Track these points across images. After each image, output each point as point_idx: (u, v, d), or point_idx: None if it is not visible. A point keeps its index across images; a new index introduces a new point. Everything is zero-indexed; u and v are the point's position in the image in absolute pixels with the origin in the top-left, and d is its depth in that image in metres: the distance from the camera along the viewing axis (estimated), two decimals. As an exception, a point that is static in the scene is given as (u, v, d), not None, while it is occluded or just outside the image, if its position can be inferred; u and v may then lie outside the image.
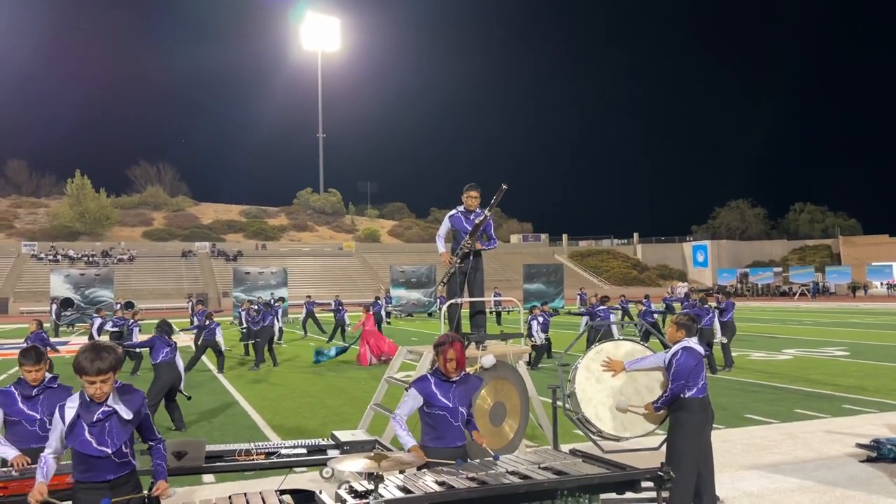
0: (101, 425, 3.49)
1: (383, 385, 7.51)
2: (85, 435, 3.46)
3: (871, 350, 17.68)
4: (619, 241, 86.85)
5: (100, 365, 3.41)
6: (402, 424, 4.44)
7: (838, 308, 41.44)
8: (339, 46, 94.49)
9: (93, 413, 3.49)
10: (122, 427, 3.54)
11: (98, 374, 3.42)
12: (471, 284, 6.82)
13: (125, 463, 3.57)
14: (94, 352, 3.44)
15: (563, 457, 4.35)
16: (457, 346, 4.45)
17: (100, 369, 3.41)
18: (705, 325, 14.08)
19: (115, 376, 3.53)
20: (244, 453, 4.97)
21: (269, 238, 78.71)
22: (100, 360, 3.41)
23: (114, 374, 3.49)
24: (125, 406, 3.56)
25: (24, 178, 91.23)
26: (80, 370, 3.43)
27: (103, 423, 3.50)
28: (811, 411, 9.82)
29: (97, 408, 3.50)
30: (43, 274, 51.60)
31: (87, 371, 3.42)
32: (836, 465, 7.00)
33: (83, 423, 3.48)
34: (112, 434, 3.50)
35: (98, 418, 3.49)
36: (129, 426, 3.57)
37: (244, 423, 10.00)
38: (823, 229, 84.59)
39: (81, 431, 3.47)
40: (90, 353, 3.44)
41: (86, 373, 3.42)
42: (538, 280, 42.68)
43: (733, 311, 15.20)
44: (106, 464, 3.49)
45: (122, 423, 3.53)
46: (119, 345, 15.59)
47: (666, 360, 5.28)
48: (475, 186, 6.84)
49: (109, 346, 3.55)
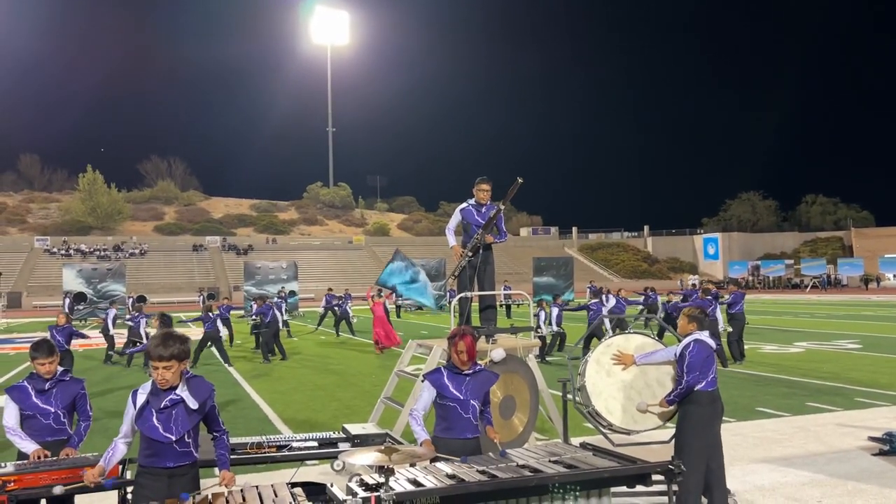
0: (168, 412, 3.63)
1: (394, 378, 7.52)
2: (153, 420, 3.61)
3: (883, 343, 17.57)
4: (629, 234, 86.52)
5: (161, 352, 3.57)
6: (417, 419, 4.50)
7: (850, 301, 41.18)
8: (349, 40, 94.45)
9: (161, 400, 3.63)
10: (188, 416, 3.66)
11: (159, 360, 3.57)
12: (481, 278, 6.80)
13: (186, 453, 3.68)
14: (162, 340, 3.61)
15: (574, 450, 4.35)
16: (467, 339, 4.50)
17: (160, 356, 3.57)
18: (709, 316, 13.99)
19: (183, 366, 3.66)
20: (255, 446, 4.98)
21: (279, 232, 78.92)
22: (163, 347, 3.58)
23: (179, 363, 3.62)
24: (193, 396, 3.68)
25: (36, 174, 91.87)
26: (148, 355, 3.67)
27: (170, 411, 3.63)
28: (823, 404, 9.78)
29: (166, 395, 3.64)
30: (55, 268, 51.97)
31: (151, 356, 3.62)
32: (848, 458, 6.97)
33: (152, 408, 3.62)
34: (177, 421, 3.63)
35: (166, 405, 3.63)
36: (195, 415, 3.69)
37: (255, 415, 10.05)
38: (835, 221, 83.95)
39: (150, 416, 3.61)
40: (159, 340, 3.62)
41: (151, 358, 3.62)
42: (548, 273, 42.59)
43: (743, 302, 15.09)
44: (168, 450, 3.61)
45: (188, 412, 3.66)
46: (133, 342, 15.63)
47: (678, 353, 5.27)
48: (487, 179, 6.81)
49: (179, 335, 3.68)
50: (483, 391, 4.59)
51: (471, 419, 4.47)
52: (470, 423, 4.47)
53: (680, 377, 5.19)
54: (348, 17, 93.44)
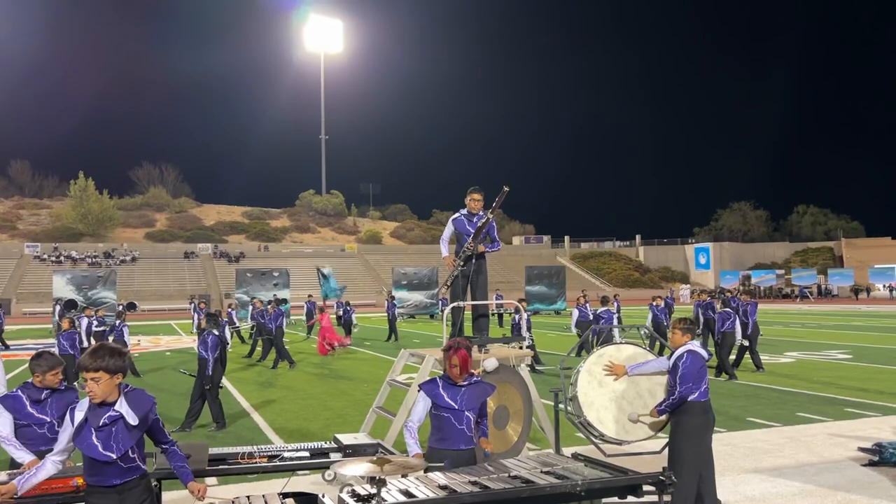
0: (108, 430, 3.48)
1: (386, 388, 7.51)
2: (92, 439, 3.46)
3: (873, 353, 17.65)
4: (621, 244, 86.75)
5: (87, 362, 3.44)
6: (412, 432, 4.50)
7: (841, 311, 41.37)
8: (342, 48, 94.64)
9: (99, 417, 3.49)
10: (129, 432, 3.52)
11: (85, 370, 3.44)
12: (473, 287, 6.81)
13: (132, 468, 3.55)
14: (93, 350, 3.51)
15: (566, 461, 4.36)
16: (461, 352, 4.51)
17: (86, 366, 3.44)
18: (727, 328, 14.03)
19: (117, 380, 3.52)
20: (247, 456, 4.97)
21: (271, 239, 78.72)
22: (90, 358, 3.46)
23: (109, 376, 3.47)
24: (132, 411, 3.54)
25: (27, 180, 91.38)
26: (78, 367, 3.53)
27: (109, 428, 3.49)
28: (814, 415, 9.81)
29: (104, 412, 3.50)
30: (46, 275, 51.65)
31: (79, 366, 3.51)
32: (839, 468, 7.00)
33: (90, 426, 3.48)
34: (118, 439, 3.48)
35: (104, 423, 3.48)
36: (135, 431, 3.55)
37: (247, 425, 10.01)
38: (826, 232, 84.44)
39: (88, 435, 3.47)
40: (90, 349, 3.53)
41: (79, 368, 3.51)
42: (540, 282, 42.67)
43: (756, 312, 15.17)
44: (112, 469, 3.48)
45: (128, 429, 3.52)
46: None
47: (670, 364, 5.29)
48: (478, 189, 6.84)
49: (114, 348, 3.55)
50: (479, 402, 4.58)
51: (465, 430, 4.47)
52: (464, 435, 4.47)
53: (672, 388, 5.21)
54: (342, 25, 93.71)
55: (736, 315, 14.28)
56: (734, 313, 14.30)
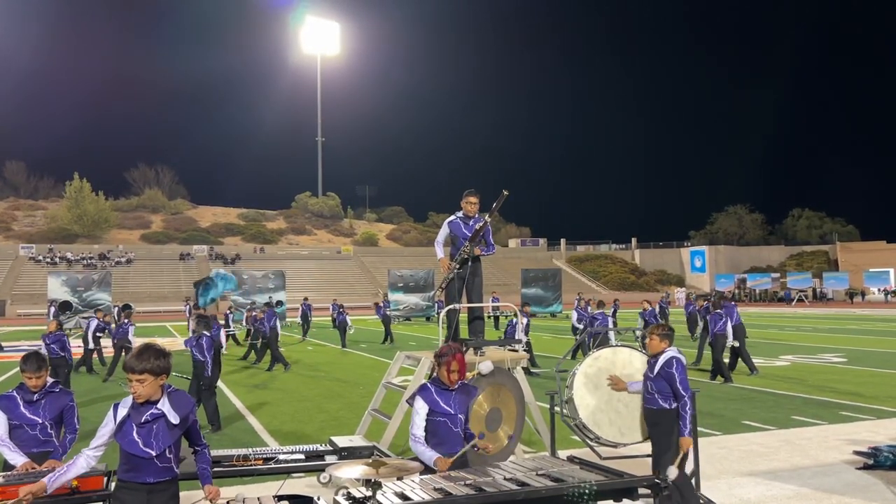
0: (149, 427, 3.57)
1: (381, 390, 7.51)
2: (133, 435, 3.54)
3: (868, 357, 17.70)
4: (617, 246, 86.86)
5: (133, 364, 3.53)
6: (421, 441, 4.46)
7: (836, 314, 41.47)
8: (339, 51, 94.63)
9: (142, 414, 3.57)
10: (169, 431, 3.60)
11: (131, 372, 3.53)
12: (469, 290, 6.82)
13: (167, 468, 3.62)
14: (138, 352, 3.58)
15: (561, 463, 4.35)
16: (459, 357, 4.53)
17: (132, 368, 3.53)
18: (719, 329, 14.06)
19: (161, 380, 3.60)
20: (242, 458, 4.96)
21: (267, 241, 78.64)
22: (136, 360, 3.54)
23: (154, 377, 3.55)
24: (174, 410, 3.62)
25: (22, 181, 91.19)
26: (124, 368, 3.61)
27: (151, 425, 3.57)
28: (809, 418, 9.83)
29: (146, 409, 3.58)
30: (40, 276, 51.56)
31: (125, 367, 3.59)
32: (833, 472, 7.01)
33: (132, 423, 3.56)
34: (158, 436, 3.57)
35: (146, 420, 3.57)
36: (176, 430, 3.63)
37: (241, 427, 9.99)
38: (821, 235, 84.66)
39: (130, 431, 3.55)
40: (135, 352, 3.59)
41: (125, 369, 3.59)
42: (536, 285, 42.72)
43: (736, 313, 15.12)
44: (149, 465, 3.55)
45: (169, 427, 3.60)
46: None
47: (656, 370, 5.29)
48: (474, 192, 6.85)
49: (158, 349, 3.61)
50: (467, 405, 4.64)
51: (459, 433, 4.51)
52: (459, 438, 4.50)
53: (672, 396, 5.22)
54: (339, 27, 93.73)
55: (728, 317, 14.36)
56: (726, 315, 14.38)
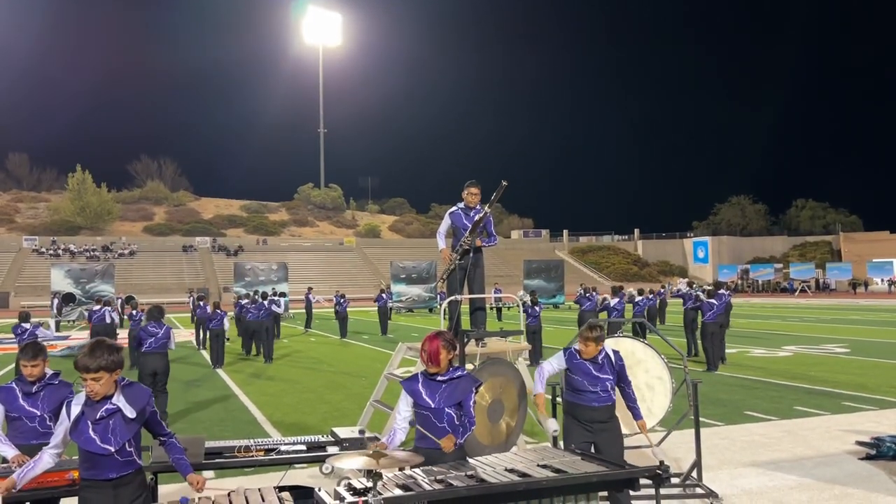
0: (105, 423, 3.49)
1: (383, 381, 7.51)
2: (89, 432, 3.47)
3: (871, 347, 17.68)
4: (619, 237, 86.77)
5: (87, 363, 3.44)
6: (401, 429, 4.35)
7: (839, 305, 41.42)
8: (341, 41, 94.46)
9: (96, 411, 3.50)
10: (126, 425, 3.53)
11: (86, 371, 3.44)
12: (471, 281, 6.79)
13: (129, 462, 3.56)
14: (89, 350, 3.47)
15: (562, 455, 4.35)
16: (434, 342, 4.28)
17: (86, 367, 3.43)
18: (709, 318, 14.01)
19: (115, 376, 3.52)
20: (244, 450, 4.97)
21: (269, 233, 78.71)
22: (89, 358, 3.44)
23: (109, 374, 3.47)
24: (129, 404, 3.55)
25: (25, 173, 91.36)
26: (76, 367, 3.48)
27: (107, 421, 3.50)
28: (811, 408, 9.82)
29: (101, 405, 3.51)
30: (44, 268, 51.61)
31: (77, 367, 3.47)
32: (836, 462, 7.00)
33: (87, 420, 3.49)
34: (115, 432, 3.49)
35: (101, 416, 3.49)
36: (133, 424, 3.56)
37: (244, 418, 10.01)
38: (824, 225, 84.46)
39: (85, 429, 3.48)
40: (86, 350, 3.48)
41: (77, 368, 3.48)
42: (538, 276, 42.71)
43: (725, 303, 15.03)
44: (109, 462, 3.49)
45: (125, 422, 3.53)
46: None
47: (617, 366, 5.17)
48: (475, 183, 6.83)
49: (109, 344, 3.53)
50: (462, 397, 4.30)
51: (446, 428, 4.24)
52: (446, 433, 4.22)
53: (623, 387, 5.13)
54: (340, 18, 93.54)
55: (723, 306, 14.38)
56: (718, 304, 14.35)
